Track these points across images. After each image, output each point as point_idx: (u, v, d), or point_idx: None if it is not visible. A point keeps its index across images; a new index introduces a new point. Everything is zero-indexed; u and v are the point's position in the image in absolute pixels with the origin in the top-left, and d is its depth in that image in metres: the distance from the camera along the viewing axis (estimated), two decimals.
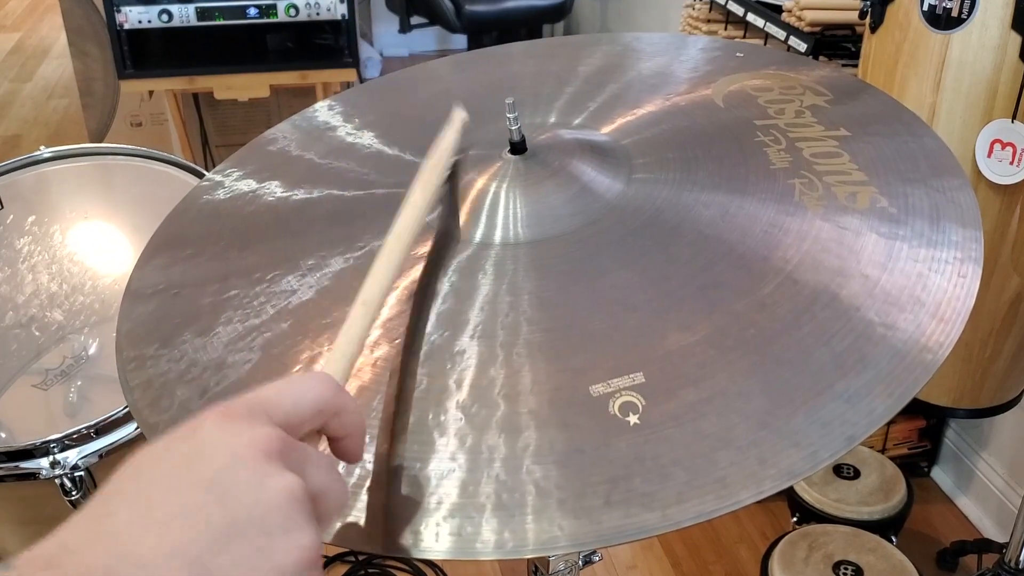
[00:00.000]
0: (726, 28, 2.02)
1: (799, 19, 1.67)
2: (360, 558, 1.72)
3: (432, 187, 0.60)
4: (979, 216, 0.58)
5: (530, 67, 0.86)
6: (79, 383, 1.09)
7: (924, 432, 1.88)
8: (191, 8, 2.32)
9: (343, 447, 0.43)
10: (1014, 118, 1.17)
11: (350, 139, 0.78)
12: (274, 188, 0.73)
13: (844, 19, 1.64)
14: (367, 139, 0.77)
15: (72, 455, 0.99)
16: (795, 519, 1.63)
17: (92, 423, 0.99)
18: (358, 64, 2.48)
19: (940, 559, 1.72)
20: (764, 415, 0.46)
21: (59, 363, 1.10)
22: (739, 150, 0.66)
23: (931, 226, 0.57)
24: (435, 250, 0.61)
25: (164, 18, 2.32)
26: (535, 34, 3.68)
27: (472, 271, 0.58)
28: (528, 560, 0.71)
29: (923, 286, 0.53)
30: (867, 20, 1.33)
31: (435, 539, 0.44)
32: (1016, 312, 1.30)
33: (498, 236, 0.61)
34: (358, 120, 0.81)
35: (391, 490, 0.47)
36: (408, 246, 0.54)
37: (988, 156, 1.20)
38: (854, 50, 1.63)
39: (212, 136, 2.85)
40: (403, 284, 0.58)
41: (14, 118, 3.67)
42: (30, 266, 1.18)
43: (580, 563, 0.71)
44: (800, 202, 0.59)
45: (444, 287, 0.57)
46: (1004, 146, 1.18)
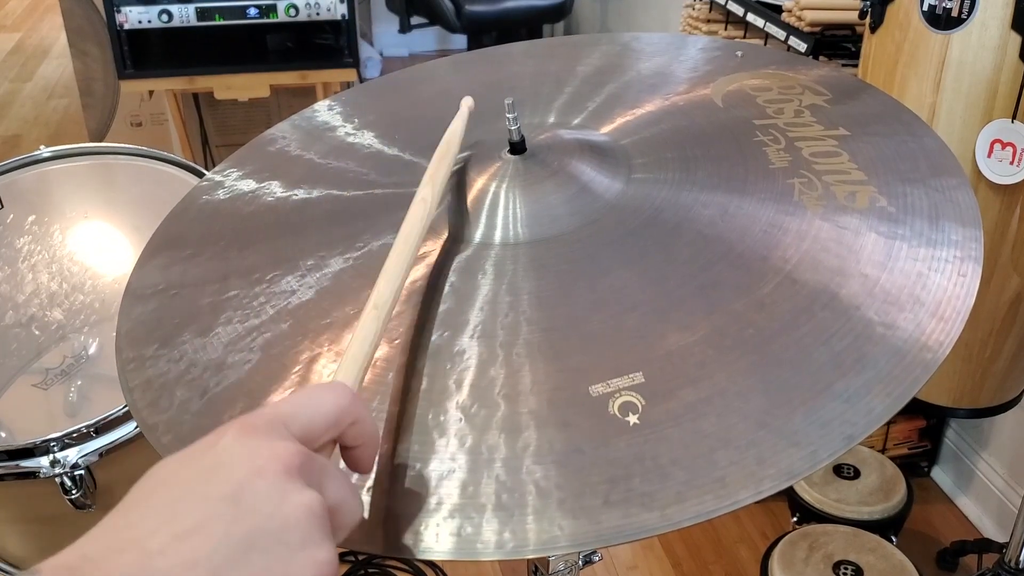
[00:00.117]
0: (726, 28, 2.02)
1: (799, 19, 1.67)
2: (360, 558, 1.72)
3: (441, 184, 0.59)
4: (979, 215, 0.57)
5: (530, 67, 0.86)
6: (79, 382, 1.09)
7: (924, 432, 1.88)
8: (191, 8, 2.32)
9: (356, 456, 0.44)
10: (1014, 118, 1.17)
11: (350, 139, 0.78)
12: (274, 188, 0.73)
13: (844, 19, 1.64)
14: (367, 139, 0.77)
15: (72, 454, 0.99)
16: (795, 519, 1.63)
17: (92, 422, 0.99)
18: (358, 64, 2.48)
19: (940, 559, 1.72)
20: (763, 415, 0.46)
21: (59, 362, 1.10)
22: (738, 150, 0.66)
23: (930, 225, 0.57)
24: (435, 250, 0.61)
25: (164, 18, 2.32)
26: (535, 34, 3.68)
27: (472, 271, 0.58)
28: (528, 560, 0.71)
29: (923, 285, 0.53)
30: (867, 20, 1.32)
31: (435, 539, 0.44)
32: (1016, 312, 1.30)
33: (498, 236, 0.61)
34: (358, 120, 0.81)
35: (391, 490, 0.47)
36: (417, 247, 0.53)
37: (988, 156, 1.20)
38: (854, 50, 1.63)
39: (212, 136, 2.85)
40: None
41: (14, 118, 3.67)
42: (30, 265, 1.18)
43: (580, 563, 0.71)
44: (799, 201, 0.59)
45: (444, 287, 0.57)
46: (1004, 146, 1.18)
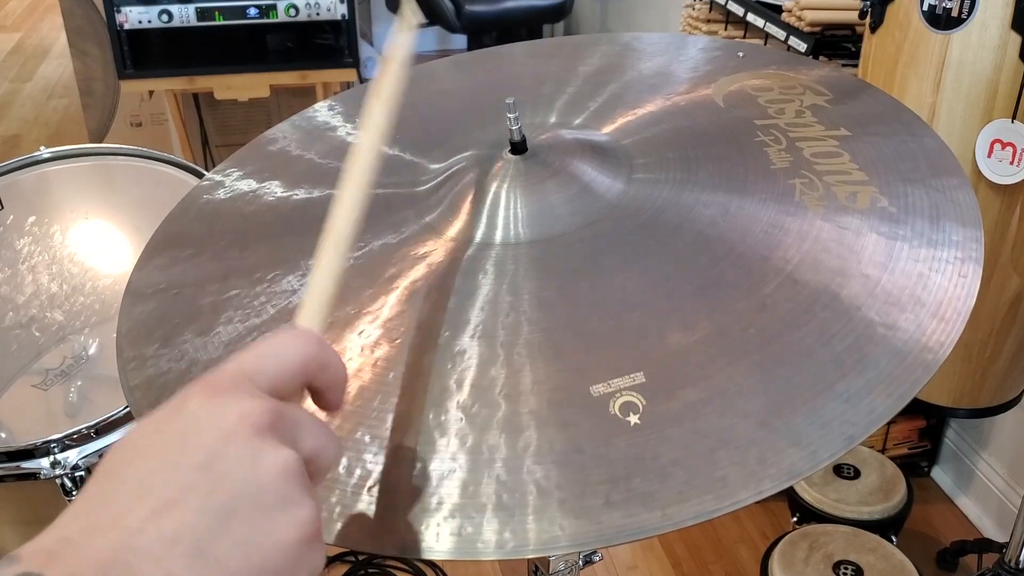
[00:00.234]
0: (726, 28, 2.02)
1: (799, 19, 1.67)
2: (360, 558, 1.72)
3: (388, 103, 0.54)
4: (979, 216, 0.58)
5: (530, 67, 0.86)
6: (79, 383, 1.09)
7: (924, 432, 1.88)
8: (191, 8, 2.32)
9: (326, 398, 0.42)
10: (1014, 118, 1.17)
11: (350, 139, 0.78)
12: (274, 188, 0.73)
13: (844, 19, 1.64)
14: None
15: (72, 455, 0.99)
16: (795, 519, 1.63)
17: (92, 423, 0.99)
18: (358, 64, 2.48)
19: (940, 559, 1.72)
20: (764, 415, 0.46)
21: (59, 363, 1.10)
22: (739, 150, 0.66)
23: (931, 226, 0.57)
24: (435, 250, 0.61)
25: (164, 18, 2.32)
26: (535, 34, 3.68)
27: (473, 271, 0.58)
28: (528, 560, 0.71)
29: (924, 286, 0.53)
30: (867, 20, 1.33)
31: (436, 539, 0.44)
32: (1016, 312, 1.30)
33: (499, 236, 0.61)
34: (358, 120, 0.81)
35: (392, 490, 0.47)
36: (370, 170, 0.50)
37: (988, 156, 1.20)
38: (854, 50, 1.63)
39: (212, 136, 2.85)
40: (403, 284, 0.58)
41: (14, 118, 3.67)
42: (30, 266, 1.18)
43: (580, 563, 0.71)
44: (800, 202, 0.59)
45: (444, 287, 0.57)
46: (1004, 146, 1.18)
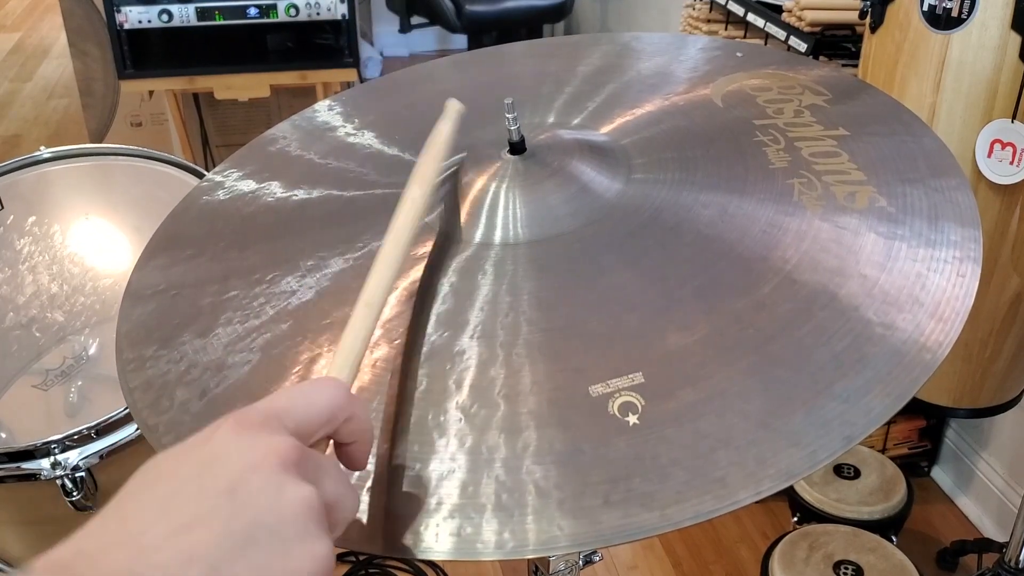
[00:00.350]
0: (726, 28, 2.02)
1: (799, 19, 1.67)
2: (360, 558, 1.72)
3: (430, 183, 0.59)
4: (978, 216, 0.58)
5: (530, 67, 0.86)
6: (79, 383, 1.09)
7: (924, 432, 1.88)
8: (191, 8, 2.32)
9: (350, 452, 0.43)
10: (1014, 118, 1.17)
11: (350, 139, 0.78)
12: (274, 188, 0.73)
13: (844, 19, 1.64)
14: (367, 139, 0.77)
15: (73, 456, 0.99)
16: (795, 519, 1.63)
17: (93, 424, 0.99)
18: (358, 64, 2.48)
19: (940, 559, 1.72)
20: (763, 415, 0.46)
21: (59, 363, 1.10)
22: (738, 150, 0.66)
23: (930, 226, 0.57)
24: (435, 250, 0.61)
25: (164, 18, 2.32)
26: (535, 34, 3.68)
27: (472, 271, 0.58)
28: (528, 560, 0.71)
29: (922, 286, 0.53)
30: (867, 20, 1.33)
31: (435, 539, 0.44)
32: (1016, 312, 1.30)
33: (498, 236, 0.61)
34: (358, 120, 0.81)
35: (391, 491, 0.47)
36: (408, 244, 0.53)
37: (988, 156, 1.20)
38: (854, 50, 1.62)
39: (212, 136, 2.85)
40: (403, 284, 0.58)
41: (14, 118, 3.67)
42: (30, 267, 1.18)
43: (580, 563, 0.71)
44: (799, 202, 0.60)
45: (444, 287, 0.57)
46: (1004, 146, 1.18)
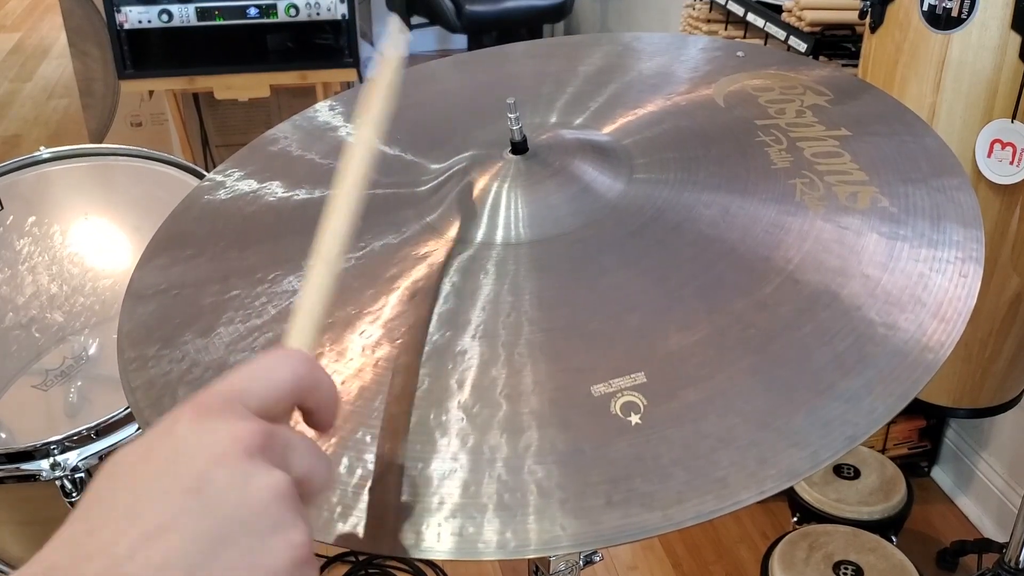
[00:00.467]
0: (726, 28, 2.02)
1: (799, 19, 1.67)
2: (360, 558, 1.72)
3: (375, 119, 0.55)
4: (980, 216, 0.58)
5: (530, 67, 0.86)
6: (79, 384, 1.09)
7: (924, 432, 1.88)
8: (191, 8, 2.32)
9: (316, 419, 0.42)
10: (1014, 118, 1.17)
11: (350, 139, 0.78)
12: (275, 188, 0.73)
13: (844, 19, 1.64)
14: None
15: (72, 457, 0.98)
16: (795, 519, 1.63)
17: (92, 424, 0.99)
18: (358, 64, 2.47)
19: (940, 559, 1.72)
20: (765, 415, 0.46)
21: (59, 364, 1.10)
22: (740, 150, 0.66)
23: (932, 226, 0.57)
24: (436, 250, 0.61)
25: (164, 18, 2.32)
26: (535, 34, 3.68)
27: (474, 271, 0.58)
28: (529, 560, 0.71)
29: (924, 286, 0.53)
30: (867, 20, 1.33)
31: (437, 539, 0.44)
32: (1016, 312, 1.30)
33: (499, 236, 0.61)
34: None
35: (393, 490, 0.47)
36: (359, 188, 0.50)
37: (988, 156, 1.20)
38: (854, 50, 1.63)
39: (212, 136, 2.85)
40: (404, 284, 0.58)
41: (14, 118, 3.67)
42: (30, 267, 1.18)
43: (581, 563, 0.71)
44: (801, 202, 0.59)
45: (445, 287, 0.57)
46: (1004, 146, 1.18)
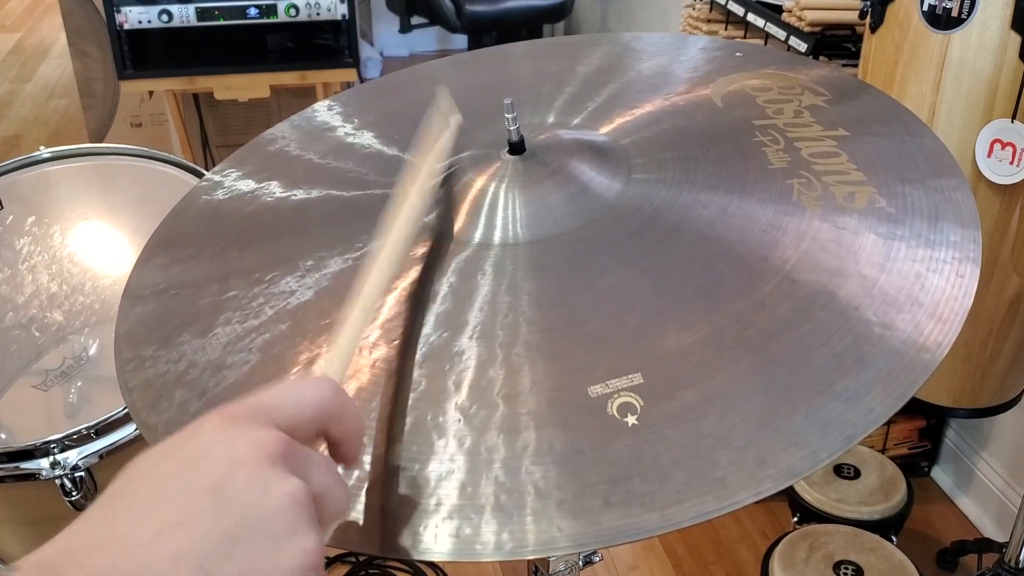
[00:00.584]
0: (726, 28, 2.02)
1: (799, 19, 1.67)
2: (360, 559, 1.72)
3: (428, 187, 0.59)
4: (977, 216, 0.57)
5: (530, 67, 0.86)
6: (79, 384, 1.09)
7: (924, 432, 1.88)
8: (191, 8, 2.32)
9: (341, 451, 0.43)
10: (1014, 118, 1.17)
11: (350, 139, 0.78)
12: (273, 188, 0.73)
13: (844, 19, 1.64)
14: (367, 139, 0.77)
15: (72, 455, 0.99)
16: (795, 519, 1.63)
17: (92, 424, 0.99)
18: (358, 64, 2.48)
19: (940, 559, 1.72)
20: (763, 415, 0.46)
21: (59, 364, 1.10)
22: (738, 150, 0.66)
23: (929, 226, 0.57)
24: (434, 251, 0.61)
25: (164, 18, 2.32)
26: (535, 34, 3.68)
27: (471, 272, 0.58)
28: (528, 561, 0.71)
29: (921, 286, 0.53)
30: (867, 20, 1.32)
31: (434, 540, 0.44)
32: (1016, 312, 1.30)
33: (497, 236, 0.61)
34: (358, 120, 0.81)
35: (390, 491, 0.47)
36: (406, 246, 0.53)
37: (988, 156, 1.20)
38: (854, 50, 1.62)
39: (212, 136, 2.85)
40: (402, 285, 0.58)
41: (14, 118, 3.67)
42: (30, 267, 1.18)
43: (580, 563, 0.71)
44: (798, 202, 0.59)
45: (443, 288, 0.57)
46: (1004, 146, 1.18)
